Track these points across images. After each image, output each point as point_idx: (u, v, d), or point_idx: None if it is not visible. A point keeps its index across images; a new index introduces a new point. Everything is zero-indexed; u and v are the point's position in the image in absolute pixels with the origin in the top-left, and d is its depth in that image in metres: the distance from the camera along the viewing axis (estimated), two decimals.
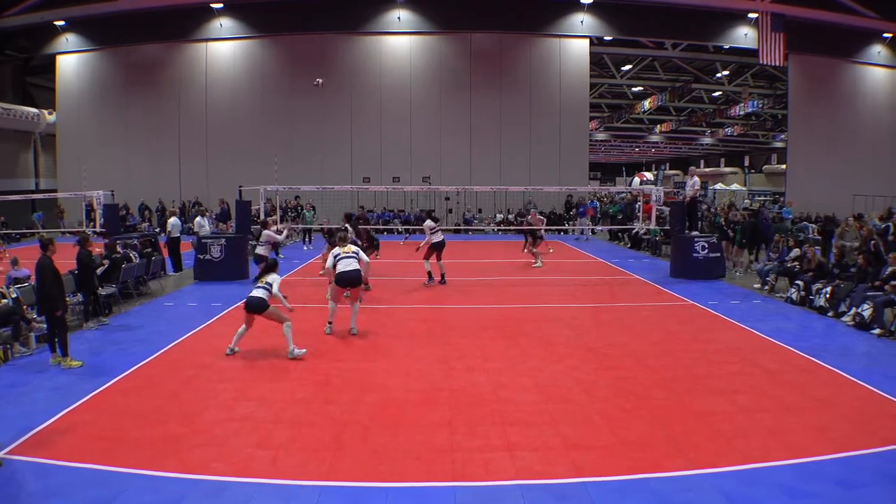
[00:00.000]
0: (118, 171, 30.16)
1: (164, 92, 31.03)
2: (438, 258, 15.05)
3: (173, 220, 17.59)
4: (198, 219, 18.72)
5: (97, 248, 12.42)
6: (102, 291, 11.76)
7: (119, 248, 13.94)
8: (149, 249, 15.27)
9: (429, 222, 15.12)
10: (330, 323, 10.52)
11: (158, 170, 31.17)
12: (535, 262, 18.13)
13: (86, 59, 31.37)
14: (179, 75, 31.11)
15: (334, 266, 10.26)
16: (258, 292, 9.44)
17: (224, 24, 30.34)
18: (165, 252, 16.77)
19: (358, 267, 10.26)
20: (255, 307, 9.35)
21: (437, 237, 14.87)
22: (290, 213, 25.94)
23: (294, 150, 30.31)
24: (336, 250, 10.48)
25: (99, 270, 11.68)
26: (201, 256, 16.00)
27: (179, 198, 30.92)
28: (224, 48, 30.97)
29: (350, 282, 10.20)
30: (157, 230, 24.62)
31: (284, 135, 30.65)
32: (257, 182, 19.74)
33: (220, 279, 15.57)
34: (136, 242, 15.41)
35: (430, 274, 15.08)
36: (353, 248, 10.56)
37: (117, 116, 31.29)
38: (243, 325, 9.57)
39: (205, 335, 10.46)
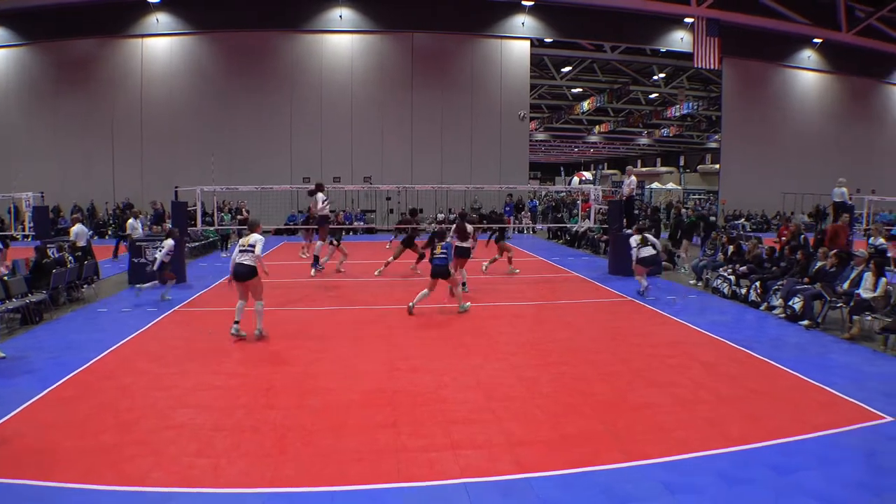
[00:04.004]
0: (48, 171, 29.01)
1: (96, 89, 29.96)
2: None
3: (77, 229, 16.10)
4: (130, 221, 18.18)
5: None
6: (32, 298, 11.37)
7: (52, 252, 13.45)
8: (79, 253, 14.77)
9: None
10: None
11: (91, 170, 30.10)
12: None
13: (14, 55, 30.05)
14: (113, 72, 30.08)
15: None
16: (245, 258, 9.86)
17: (160, 20, 29.57)
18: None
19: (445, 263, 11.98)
20: (244, 275, 9.82)
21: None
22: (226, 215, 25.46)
23: (233, 150, 29.82)
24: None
25: None
26: (136, 260, 15.54)
27: (113, 198, 30.03)
28: (160, 44, 30.14)
29: (438, 273, 12.01)
30: (91, 233, 23.86)
31: (223, 134, 30.08)
32: (194, 182, 19.31)
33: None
34: (68, 245, 14.88)
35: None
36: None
37: (47, 114, 30.05)
38: (240, 301, 10.06)
39: (141, 341, 10.16)
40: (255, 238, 10.04)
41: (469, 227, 13.92)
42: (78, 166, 29.98)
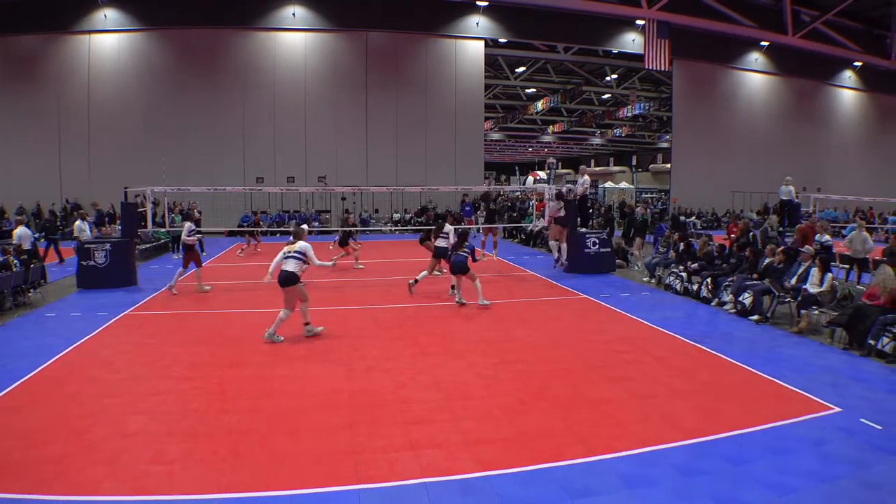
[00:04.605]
0: None
1: (42, 87, 28.89)
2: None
3: (20, 231, 15.40)
4: (78, 223, 17.67)
5: None
6: None
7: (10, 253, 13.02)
8: (24, 256, 14.31)
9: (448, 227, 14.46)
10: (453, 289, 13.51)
11: (37, 171, 29.02)
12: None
13: None
14: (59, 69, 29.06)
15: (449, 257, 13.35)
16: (288, 264, 9.81)
17: (108, 16, 28.74)
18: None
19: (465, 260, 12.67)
20: (284, 282, 9.79)
21: (441, 242, 14.25)
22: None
23: (184, 150, 29.17)
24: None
25: None
26: (84, 263, 15.10)
27: (60, 199, 29.17)
28: (108, 41, 29.27)
29: (457, 269, 12.74)
30: (37, 235, 23.15)
31: (174, 133, 29.41)
32: (144, 183, 18.88)
33: (106, 286, 14.78)
34: (13, 249, 14.40)
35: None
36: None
37: None
38: (303, 305, 10.07)
39: (91, 347, 9.88)
40: (303, 245, 10.06)
41: (448, 227, 14.25)
42: (23, 166, 28.91)
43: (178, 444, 6.19)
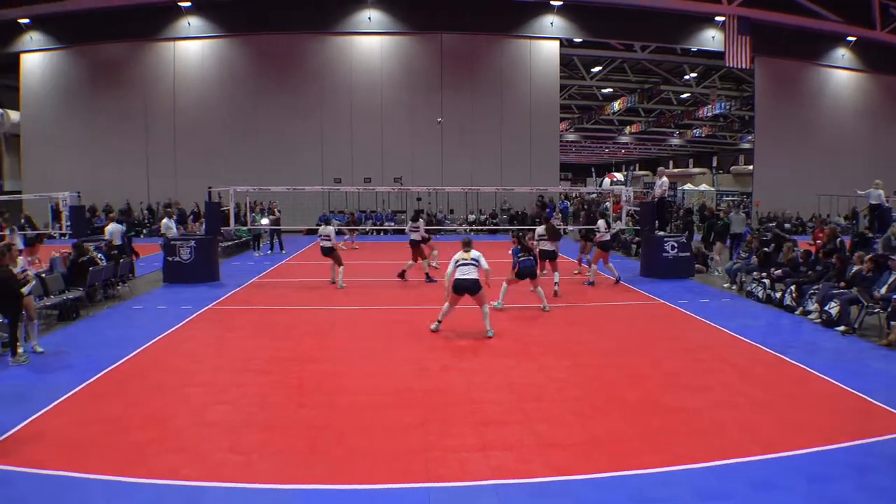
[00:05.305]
0: (84, 171, 29.52)
1: (130, 92, 30.57)
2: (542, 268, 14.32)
3: (112, 227, 16.45)
4: (165, 220, 18.45)
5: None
6: (69, 294, 11.62)
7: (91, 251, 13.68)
8: (115, 252, 15.02)
9: (539, 229, 14.62)
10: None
11: (125, 170, 30.67)
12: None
13: (51, 58, 30.79)
14: (146, 75, 30.66)
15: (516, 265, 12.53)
16: (471, 272, 10.28)
17: (192, 23, 30.01)
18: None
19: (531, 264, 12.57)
20: (471, 288, 10.28)
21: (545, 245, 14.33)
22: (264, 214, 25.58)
23: (264, 151, 30.13)
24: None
25: (25, 289, 9.26)
26: (170, 258, 15.79)
27: (147, 198, 30.59)
28: (192, 47, 30.63)
29: (528, 273, 12.47)
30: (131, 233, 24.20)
31: (254, 135, 30.41)
32: (227, 182, 19.54)
33: (190, 281, 15.39)
34: (102, 245, 15.13)
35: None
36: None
37: (83, 116, 30.78)
38: (447, 304, 10.57)
39: (175, 339, 10.32)
40: (477, 254, 10.62)
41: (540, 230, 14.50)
42: (113, 167, 30.55)
43: (255, 435, 6.39)
